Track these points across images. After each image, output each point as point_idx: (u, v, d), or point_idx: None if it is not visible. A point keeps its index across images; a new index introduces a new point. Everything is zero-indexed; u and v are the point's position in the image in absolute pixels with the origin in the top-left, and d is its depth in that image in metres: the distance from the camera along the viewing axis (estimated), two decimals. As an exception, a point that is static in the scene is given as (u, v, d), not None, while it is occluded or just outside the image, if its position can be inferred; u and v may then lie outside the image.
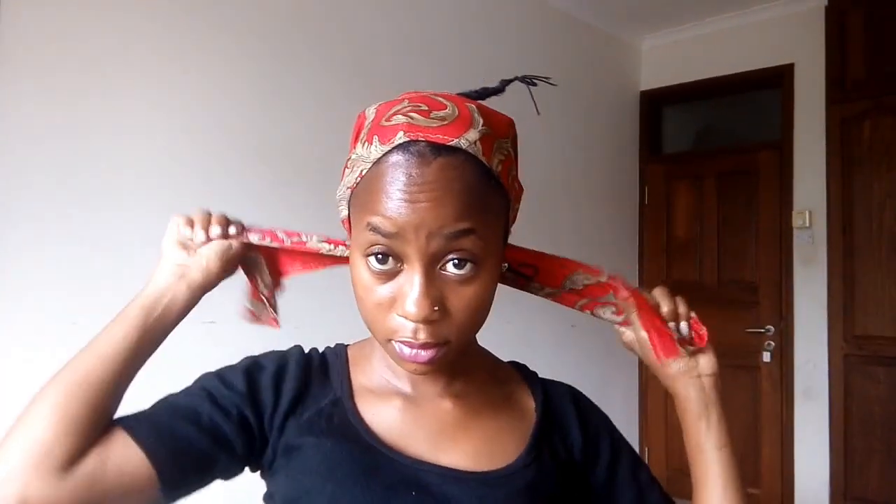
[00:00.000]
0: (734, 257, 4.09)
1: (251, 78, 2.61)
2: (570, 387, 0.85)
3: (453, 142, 0.61)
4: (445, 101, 0.65)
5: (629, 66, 4.49)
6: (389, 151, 0.62)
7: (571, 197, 3.93)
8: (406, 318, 0.63)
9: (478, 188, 0.63)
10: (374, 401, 0.73)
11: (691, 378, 0.76)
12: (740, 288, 4.04)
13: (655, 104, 4.52)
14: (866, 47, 3.62)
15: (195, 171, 2.45)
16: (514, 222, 0.72)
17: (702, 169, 4.27)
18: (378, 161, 0.63)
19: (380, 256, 0.63)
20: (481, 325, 0.68)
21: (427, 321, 0.62)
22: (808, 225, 3.78)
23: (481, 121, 0.64)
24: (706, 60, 4.20)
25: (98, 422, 0.66)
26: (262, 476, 0.75)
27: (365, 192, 0.64)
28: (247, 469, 0.74)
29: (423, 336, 0.63)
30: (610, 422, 0.84)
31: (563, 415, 0.79)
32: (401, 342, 0.64)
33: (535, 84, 0.73)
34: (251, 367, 0.74)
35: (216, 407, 0.70)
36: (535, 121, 0.86)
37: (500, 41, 3.51)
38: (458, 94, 0.70)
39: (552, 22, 3.88)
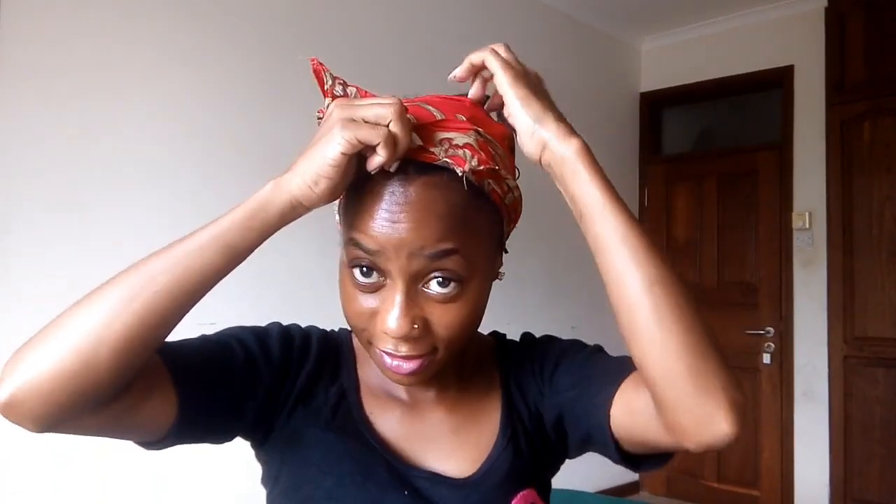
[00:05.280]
0: (734, 259, 4.09)
1: (252, 80, 2.61)
2: (524, 342, 0.80)
3: (439, 161, 0.59)
4: (435, 113, 0.62)
5: (629, 67, 4.49)
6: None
7: (571, 198, 3.92)
8: (386, 333, 0.62)
9: (463, 208, 0.61)
10: (375, 400, 0.73)
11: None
12: (740, 289, 4.04)
13: (655, 106, 4.51)
14: (866, 49, 3.62)
15: (195, 174, 2.44)
16: (507, 237, 0.71)
17: (701, 170, 4.27)
18: (363, 176, 0.60)
19: (364, 269, 0.62)
20: (470, 336, 0.66)
21: (407, 338, 0.62)
22: (807, 226, 3.78)
23: (473, 136, 0.61)
24: (706, 62, 4.20)
25: (155, 347, 0.59)
26: (255, 447, 0.74)
27: (351, 206, 0.63)
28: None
29: (404, 349, 0.63)
30: (552, 345, 0.77)
31: (522, 378, 0.76)
32: (383, 351, 0.64)
33: None
34: (286, 338, 0.72)
35: (249, 377, 0.68)
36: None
37: (500, 42, 3.50)
38: (458, 97, 0.67)
39: (552, 23, 3.88)
